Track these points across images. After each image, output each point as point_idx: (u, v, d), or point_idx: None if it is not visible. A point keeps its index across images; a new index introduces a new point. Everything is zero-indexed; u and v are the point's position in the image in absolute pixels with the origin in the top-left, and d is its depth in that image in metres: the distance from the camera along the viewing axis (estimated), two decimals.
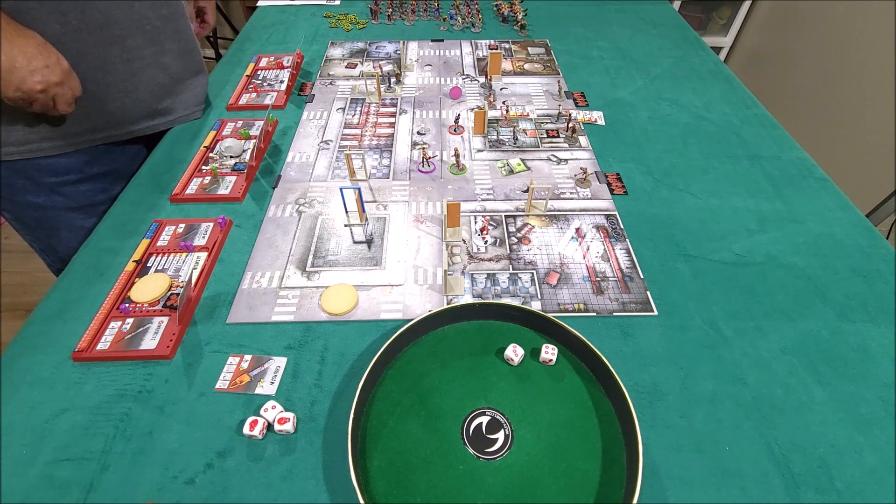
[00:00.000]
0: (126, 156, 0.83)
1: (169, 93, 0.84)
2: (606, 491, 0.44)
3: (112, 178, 0.81)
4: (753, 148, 0.84)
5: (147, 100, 0.80)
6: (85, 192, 0.79)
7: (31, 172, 0.73)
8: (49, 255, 0.85)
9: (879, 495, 0.45)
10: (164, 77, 0.81)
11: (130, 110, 0.78)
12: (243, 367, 0.53)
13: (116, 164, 0.81)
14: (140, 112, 0.80)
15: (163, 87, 0.82)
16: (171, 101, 0.85)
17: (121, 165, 0.82)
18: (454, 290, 0.61)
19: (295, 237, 0.68)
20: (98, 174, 0.79)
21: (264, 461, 0.46)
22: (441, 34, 1.18)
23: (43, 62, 0.62)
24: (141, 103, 0.79)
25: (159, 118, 0.84)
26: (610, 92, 0.98)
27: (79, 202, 0.79)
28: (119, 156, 0.81)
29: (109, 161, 0.80)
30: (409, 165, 0.81)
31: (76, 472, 0.45)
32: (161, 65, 0.80)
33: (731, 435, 0.49)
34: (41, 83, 0.62)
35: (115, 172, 0.81)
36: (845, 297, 0.61)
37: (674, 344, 0.56)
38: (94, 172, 0.78)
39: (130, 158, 0.83)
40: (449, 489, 0.44)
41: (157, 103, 0.82)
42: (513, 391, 0.51)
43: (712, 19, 2.13)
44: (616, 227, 0.70)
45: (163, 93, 0.82)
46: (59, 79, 0.64)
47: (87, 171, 0.78)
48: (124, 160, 0.82)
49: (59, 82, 0.64)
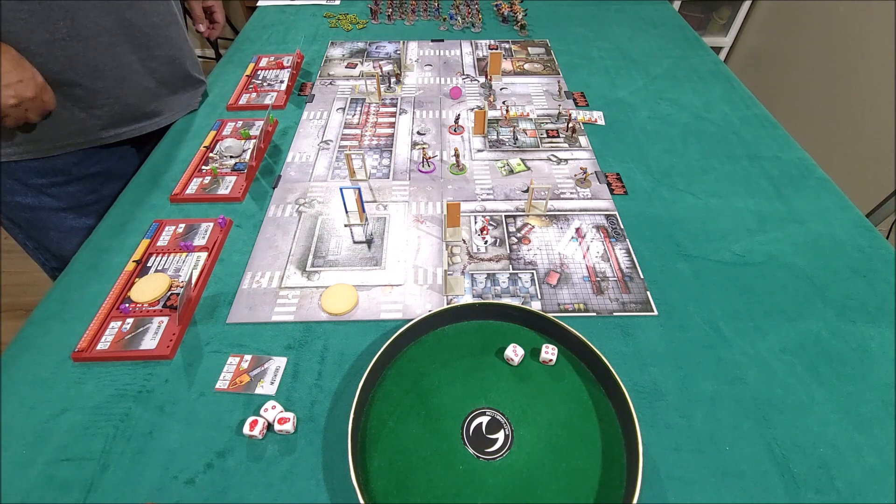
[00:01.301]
0: (115, 156, 0.82)
1: (157, 97, 0.83)
2: (606, 491, 0.44)
3: (102, 179, 0.80)
4: (753, 148, 0.84)
5: (134, 104, 0.80)
6: (74, 193, 0.78)
7: (18, 174, 0.73)
8: (42, 255, 0.84)
9: (879, 495, 0.45)
10: (152, 82, 0.81)
11: (119, 115, 0.78)
12: (243, 367, 0.53)
13: (106, 165, 0.80)
14: (128, 116, 0.80)
15: (150, 92, 0.82)
16: (159, 104, 0.84)
17: (110, 166, 0.81)
18: (454, 290, 0.61)
19: (295, 237, 0.68)
20: (87, 175, 0.79)
21: (264, 461, 0.46)
22: (441, 34, 1.18)
23: (17, 77, 0.62)
24: (129, 108, 0.79)
25: (146, 121, 0.83)
26: (610, 92, 0.98)
27: (68, 203, 0.78)
28: (108, 156, 0.81)
29: (98, 162, 0.79)
30: (409, 165, 0.81)
31: (76, 472, 0.45)
32: (149, 70, 0.80)
33: (731, 435, 0.49)
34: (14, 98, 0.62)
35: (105, 173, 0.80)
36: (845, 297, 0.61)
37: (674, 344, 0.56)
38: (82, 173, 0.78)
39: (120, 158, 0.83)
40: (449, 489, 0.44)
41: (146, 107, 0.82)
42: (513, 391, 0.51)
43: (712, 19, 2.13)
44: (616, 227, 0.70)
45: (150, 98, 0.82)
46: (33, 93, 0.64)
47: (76, 172, 0.77)
48: (113, 160, 0.82)
49: (32, 97, 0.64)
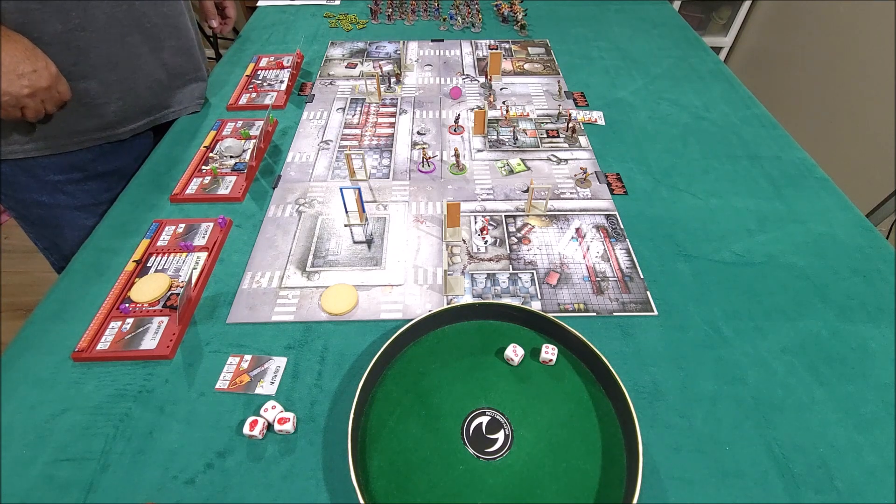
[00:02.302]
0: (131, 154, 0.83)
1: (168, 88, 0.84)
2: (606, 491, 0.44)
3: (117, 177, 0.80)
4: (753, 148, 0.84)
5: (146, 97, 0.80)
6: (89, 191, 0.79)
7: (35, 171, 0.73)
8: (52, 254, 0.84)
9: (879, 495, 0.45)
10: (163, 73, 0.82)
11: (132, 107, 0.79)
12: (243, 367, 0.53)
13: (121, 162, 0.81)
14: (140, 108, 0.80)
15: (161, 84, 0.82)
16: (169, 97, 0.85)
17: (125, 163, 0.82)
18: (454, 290, 0.61)
19: (295, 237, 0.68)
20: (103, 172, 0.79)
21: (264, 461, 0.46)
22: (441, 34, 1.18)
23: (31, 66, 0.62)
24: (141, 100, 0.80)
25: (155, 114, 0.84)
26: (610, 92, 0.98)
27: (83, 201, 0.79)
28: (124, 154, 0.81)
29: (114, 159, 0.80)
30: (409, 165, 0.81)
31: (76, 472, 0.45)
32: (160, 61, 0.80)
33: (731, 435, 0.49)
34: (28, 87, 0.62)
35: (121, 171, 0.81)
36: (845, 297, 0.61)
37: (674, 344, 0.56)
38: (98, 171, 0.78)
39: (135, 157, 0.83)
40: (449, 489, 0.44)
41: (156, 99, 0.83)
42: (513, 391, 0.51)
43: (712, 19, 2.13)
44: (616, 227, 0.70)
45: (161, 89, 0.83)
46: (48, 83, 0.64)
47: (92, 169, 0.78)
48: (129, 159, 0.82)
49: (47, 87, 0.64)
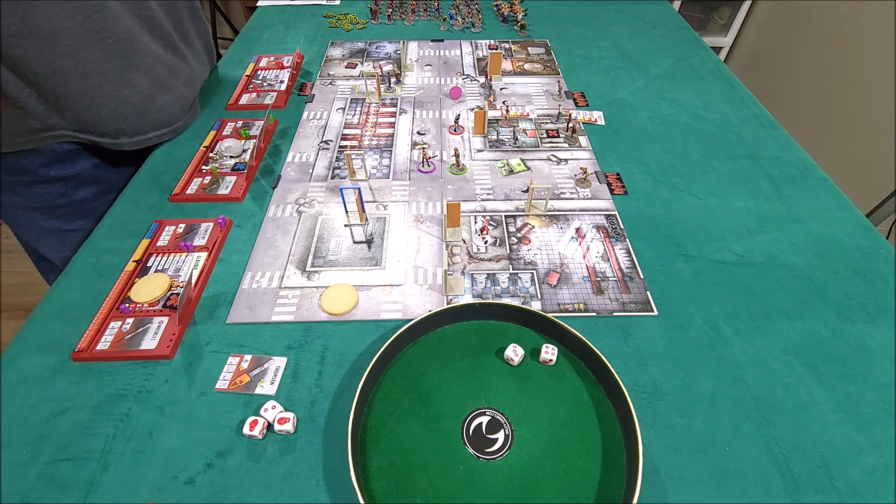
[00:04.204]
0: (89, 162, 0.77)
1: (139, 112, 0.77)
2: (606, 491, 0.44)
3: (74, 183, 0.76)
4: (753, 148, 0.84)
5: (108, 117, 0.74)
6: (41, 195, 0.75)
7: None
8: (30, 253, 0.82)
9: (879, 495, 0.45)
10: (133, 95, 0.75)
11: (90, 123, 0.73)
12: (243, 367, 0.53)
13: (78, 169, 0.76)
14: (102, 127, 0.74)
15: (130, 106, 0.75)
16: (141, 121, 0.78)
17: (83, 170, 0.77)
18: (454, 290, 0.61)
19: (295, 237, 0.68)
20: (55, 178, 0.75)
21: (264, 461, 0.46)
22: (441, 34, 1.18)
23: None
24: (102, 119, 0.73)
25: (124, 138, 0.77)
26: (610, 92, 0.98)
27: (37, 203, 0.76)
28: (81, 161, 0.76)
29: (71, 166, 0.75)
30: (409, 165, 0.81)
31: (76, 471, 0.45)
32: (128, 81, 0.74)
33: (731, 435, 0.49)
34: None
35: (78, 177, 0.76)
36: (845, 297, 0.61)
37: (674, 344, 0.56)
38: (50, 175, 0.74)
39: (95, 165, 0.78)
40: (449, 489, 0.44)
41: (123, 122, 0.76)
42: (513, 391, 0.51)
43: (712, 19, 2.13)
44: (616, 227, 0.70)
45: (131, 111, 0.76)
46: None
47: (43, 173, 0.73)
48: (87, 165, 0.77)
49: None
